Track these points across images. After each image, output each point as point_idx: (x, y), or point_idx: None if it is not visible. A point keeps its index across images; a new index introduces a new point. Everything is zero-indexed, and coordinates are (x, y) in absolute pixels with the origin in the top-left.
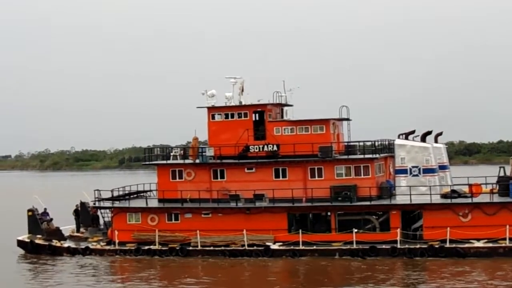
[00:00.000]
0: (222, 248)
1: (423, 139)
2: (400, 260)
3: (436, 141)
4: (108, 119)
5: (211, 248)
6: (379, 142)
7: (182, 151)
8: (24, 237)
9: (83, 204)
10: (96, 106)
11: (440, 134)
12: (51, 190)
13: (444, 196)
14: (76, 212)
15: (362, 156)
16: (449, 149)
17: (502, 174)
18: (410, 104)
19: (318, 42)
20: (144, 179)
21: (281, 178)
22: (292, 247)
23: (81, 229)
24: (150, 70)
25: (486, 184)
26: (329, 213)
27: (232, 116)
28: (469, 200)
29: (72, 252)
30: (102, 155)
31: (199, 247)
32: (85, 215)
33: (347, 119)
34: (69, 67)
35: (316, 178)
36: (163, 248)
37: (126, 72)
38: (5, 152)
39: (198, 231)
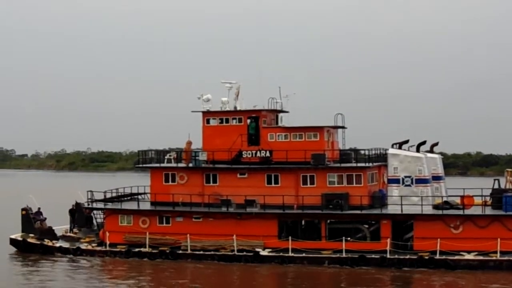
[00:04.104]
0: (212, 252)
1: (417, 149)
2: (389, 270)
3: (431, 151)
4: (124, 121)
5: (201, 252)
6: (374, 151)
7: (176, 155)
8: (17, 235)
9: (78, 204)
10: (112, 107)
11: (436, 144)
12: (52, 190)
13: (436, 207)
14: (71, 212)
15: (354, 165)
16: (465, 160)
17: (496, 186)
18: (420, 113)
19: (315, 50)
20: None
21: (273, 185)
22: (281, 254)
23: (75, 230)
24: (164, 73)
25: (482, 196)
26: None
27: (227, 121)
28: (460, 212)
29: (63, 251)
30: (117, 157)
31: (189, 251)
32: (79, 215)
33: (342, 127)
34: (85, 69)
35: (308, 186)
36: (153, 251)
37: (142, 75)
38: (22, 151)
39: (188, 235)
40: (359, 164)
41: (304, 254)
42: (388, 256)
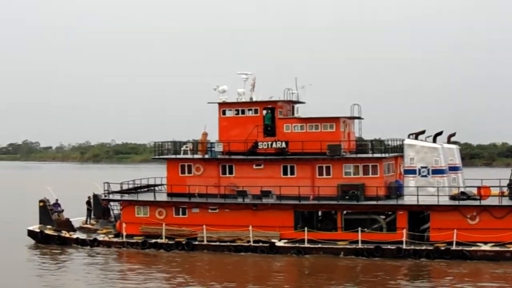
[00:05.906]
0: (228, 243)
1: (434, 139)
2: (405, 261)
3: (448, 142)
4: (149, 113)
5: (217, 243)
6: (390, 142)
7: (192, 146)
8: (35, 227)
9: (95, 196)
10: (137, 100)
11: (453, 134)
12: (73, 181)
13: (452, 197)
14: (88, 203)
15: (370, 155)
16: (491, 151)
17: None
18: (442, 103)
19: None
20: None
21: (289, 175)
22: (297, 245)
23: (92, 221)
24: (186, 64)
25: (499, 187)
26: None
27: (243, 112)
28: (477, 203)
29: (80, 243)
30: (141, 149)
31: (205, 242)
32: (97, 207)
33: (359, 118)
34: (108, 63)
35: (324, 176)
36: (170, 242)
37: (164, 67)
38: (46, 143)
39: (204, 226)
40: (375, 155)
41: (320, 245)
42: (404, 247)
